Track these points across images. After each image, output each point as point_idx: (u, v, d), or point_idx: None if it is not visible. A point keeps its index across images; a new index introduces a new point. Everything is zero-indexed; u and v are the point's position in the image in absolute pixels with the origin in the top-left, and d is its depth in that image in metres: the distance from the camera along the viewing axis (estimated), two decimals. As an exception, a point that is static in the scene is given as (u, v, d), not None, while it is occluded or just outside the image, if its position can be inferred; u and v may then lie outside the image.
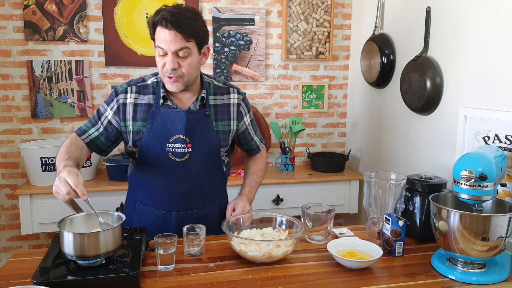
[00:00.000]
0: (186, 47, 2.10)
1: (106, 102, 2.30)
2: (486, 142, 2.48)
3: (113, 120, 2.27)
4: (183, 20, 2.06)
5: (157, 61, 2.18)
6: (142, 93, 2.28)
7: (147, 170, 2.33)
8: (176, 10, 2.08)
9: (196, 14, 2.15)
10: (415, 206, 2.33)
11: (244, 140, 2.53)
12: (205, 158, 2.33)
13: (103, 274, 1.80)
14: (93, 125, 2.29)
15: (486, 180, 1.90)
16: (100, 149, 2.33)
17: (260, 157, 2.68)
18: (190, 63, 2.15)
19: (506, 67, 2.38)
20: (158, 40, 2.12)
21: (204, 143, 2.30)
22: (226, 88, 2.41)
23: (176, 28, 2.06)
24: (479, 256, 1.91)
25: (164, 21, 2.06)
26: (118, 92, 2.28)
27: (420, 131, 3.18)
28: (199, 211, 2.39)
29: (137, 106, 2.27)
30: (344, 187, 4.03)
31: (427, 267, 2.05)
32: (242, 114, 2.45)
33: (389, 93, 3.61)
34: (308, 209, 2.31)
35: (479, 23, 2.58)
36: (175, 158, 2.26)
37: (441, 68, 2.89)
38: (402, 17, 3.39)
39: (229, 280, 1.90)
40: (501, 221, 1.85)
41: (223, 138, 2.37)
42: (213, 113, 2.33)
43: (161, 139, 2.24)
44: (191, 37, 2.10)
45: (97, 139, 2.29)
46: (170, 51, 2.09)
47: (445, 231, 1.94)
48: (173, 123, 2.24)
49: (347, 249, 2.13)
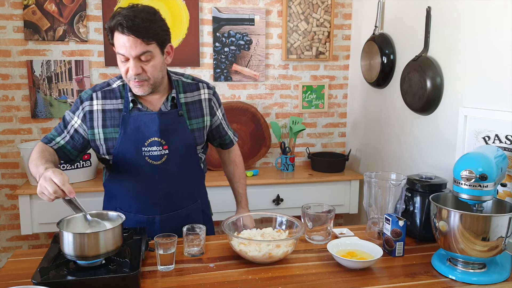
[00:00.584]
0: (147, 50, 2.05)
1: (72, 110, 2.24)
2: (486, 142, 2.48)
3: (79, 128, 2.22)
4: (140, 23, 2.00)
5: (120, 66, 2.12)
6: (109, 98, 2.22)
7: (124, 176, 2.28)
8: (131, 13, 2.01)
9: (153, 14, 2.08)
10: (415, 206, 2.33)
11: (218, 134, 2.51)
12: (183, 158, 2.31)
13: (103, 274, 1.80)
14: (59, 134, 2.24)
15: (486, 180, 1.90)
16: (68, 158, 2.28)
17: (237, 155, 2.68)
18: (154, 65, 2.10)
19: (506, 67, 2.38)
20: (117, 46, 2.05)
21: (181, 143, 2.28)
22: (195, 84, 2.38)
23: (134, 32, 1.99)
24: (479, 256, 1.91)
25: (120, 27, 2.00)
26: (83, 99, 2.22)
27: (420, 131, 3.18)
28: (182, 211, 2.38)
29: (105, 112, 2.21)
30: (344, 187, 4.03)
31: (427, 267, 2.05)
32: (215, 109, 2.43)
33: (389, 93, 3.61)
34: (308, 209, 2.31)
35: (479, 23, 2.58)
36: (152, 161, 2.22)
37: (441, 68, 2.89)
38: (402, 17, 3.40)
39: (229, 280, 1.90)
40: (501, 221, 1.85)
41: (198, 135, 2.35)
42: (185, 111, 2.30)
43: (136, 143, 2.20)
44: (151, 40, 2.04)
45: (64, 147, 2.23)
46: (131, 56, 2.04)
47: (445, 231, 1.94)
48: (147, 126, 2.20)
49: (347, 249, 2.13)
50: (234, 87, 4.17)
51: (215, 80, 4.11)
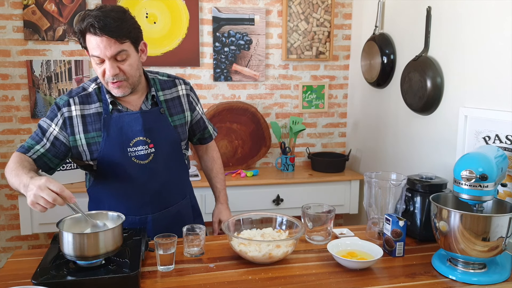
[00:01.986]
0: (122, 49, 2.02)
1: (49, 117, 2.17)
2: (486, 142, 2.48)
3: (60, 135, 2.16)
4: (111, 22, 1.97)
5: (95, 69, 2.08)
6: (87, 102, 2.19)
7: (111, 179, 2.25)
8: (101, 13, 1.98)
9: (123, 12, 2.05)
10: (415, 206, 2.33)
11: (198, 129, 2.51)
12: (170, 155, 2.31)
13: (103, 275, 1.80)
14: (38, 142, 2.14)
15: (486, 180, 1.90)
16: (48, 167, 2.19)
17: (215, 151, 2.69)
18: (130, 64, 2.08)
19: (507, 67, 2.38)
20: (91, 48, 2.02)
21: (166, 140, 2.27)
22: (172, 81, 2.37)
23: (107, 32, 1.97)
24: (480, 256, 1.91)
25: (92, 28, 1.97)
26: (60, 106, 2.16)
27: (420, 131, 3.19)
28: (173, 208, 2.38)
29: (85, 117, 2.17)
30: (345, 187, 4.03)
31: (428, 267, 2.05)
32: (194, 104, 2.44)
33: (390, 93, 3.61)
34: (308, 209, 2.31)
35: (480, 22, 2.58)
36: (139, 161, 2.21)
37: (441, 68, 2.89)
38: (403, 16, 3.40)
39: (229, 281, 1.90)
40: (501, 221, 1.85)
41: (181, 131, 2.35)
42: (166, 108, 2.30)
43: (121, 145, 2.17)
44: (125, 38, 2.02)
45: (44, 156, 2.14)
46: (107, 57, 2.01)
47: (446, 231, 1.94)
48: (130, 127, 2.18)
49: (348, 249, 2.13)
50: (234, 87, 4.17)
51: (215, 80, 4.11)
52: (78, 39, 2.08)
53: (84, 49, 2.10)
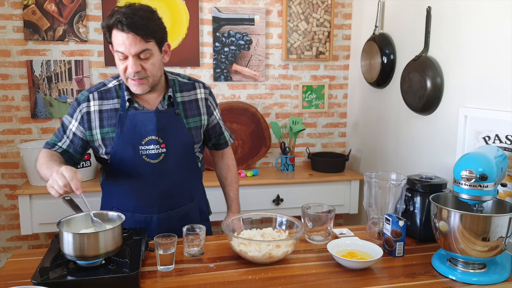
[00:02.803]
0: (146, 48, 2.06)
1: (69, 114, 2.25)
2: (486, 142, 2.48)
3: (77, 131, 2.22)
4: (139, 21, 2.01)
5: (118, 65, 2.13)
6: (105, 98, 2.23)
7: (121, 175, 2.28)
8: (130, 11, 2.03)
9: (151, 12, 2.10)
10: (415, 206, 2.33)
11: (214, 134, 2.51)
12: (180, 157, 2.31)
13: (103, 275, 1.80)
14: (60, 139, 2.26)
15: (486, 180, 1.90)
16: (72, 161, 2.28)
17: (231, 158, 2.68)
18: (152, 63, 2.11)
19: (506, 66, 2.38)
20: (116, 44, 2.06)
21: (178, 142, 2.28)
22: (192, 84, 2.38)
23: (134, 30, 2.01)
24: (480, 256, 1.92)
25: (119, 24, 2.01)
26: (80, 101, 2.22)
27: (420, 131, 3.19)
28: (180, 210, 2.38)
29: (102, 112, 2.22)
30: (344, 187, 4.03)
31: (428, 267, 2.05)
32: (211, 109, 2.44)
33: (390, 93, 3.61)
34: (308, 209, 2.31)
35: (479, 22, 2.58)
36: (149, 160, 2.22)
37: (441, 68, 2.89)
38: (403, 16, 3.40)
39: (229, 281, 1.90)
40: (501, 221, 1.86)
41: (195, 134, 2.35)
42: (182, 110, 2.31)
43: (133, 142, 2.20)
44: (150, 38, 2.06)
45: (66, 152, 2.25)
46: (131, 54, 2.04)
47: (446, 231, 1.94)
48: (144, 125, 2.20)
49: (348, 249, 2.13)
50: (234, 87, 4.17)
51: (215, 80, 4.11)
52: (105, 34, 2.13)
53: (109, 44, 2.14)
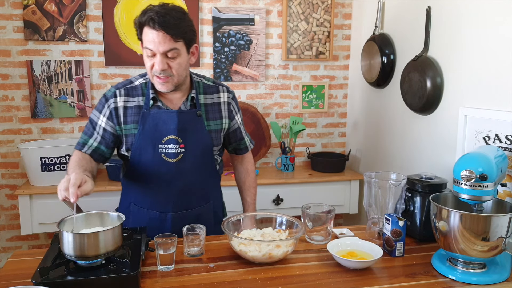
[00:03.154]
0: (175, 48, 2.09)
1: (97, 110, 2.29)
2: (486, 142, 2.48)
3: (107, 126, 2.26)
4: (170, 20, 2.05)
5: (145, 61, 2.16)
6: (131, 95, 2.27)
7: (140, 171, 2.31)
8: (163, 10, 2.07)
9: (183, 13, 2.13)
10: (415, 206, 2.33)
11: (234, 138, 2.52)
12: (198, 158, 2.33)
13: (103, 274, 1.80)
14: (90, 136, 2.28)
15: (486, 180, 1.90)
16: (103, 158, 2.33)
17: (250, 163, 2.68)
18: (179, 63, 2.14)
19: (506, 67, 2.38)
20: (146, 41, 2.10)
21: (197, 143, 2.30)
22: (216, 87, 2.41)
23: (164, 29, 2.04)
24: (480, 256, 1.92)
25: (151, 22, 2.05)
26: (108, 97, 2.27)
27: (420, 131, 3.19)
28: (194, 210, 2.40)
29: (127, 109, 2.26)
30: (344, 187, 4.03)
31: (428, 267, 2.05)
32: (233, 113, 2.45)
33: (389, 93, 3.61)
34: (308, 209, 2.31)
35: (479, 23, 2.58)
36: (168, 158, 2.25)
37: (441, 68, 2.89)
38: (403, 17, 3.40)
39: (229, 281, 1.90)
40: (501, 221, 1.86)
41: (215, 137, 2.37)
42: (204, 112, 2.33)
43: (153, 140, 2.24)
44: (180, 38, 2.09)
45: (98, 148, 2.28)
46: (159, 52, 2.08)
47: (446, 231, 1.94)
48: (165, 124, 2.23)
49: (347, 249, 2.13)
50: (234, 87, 4.16)
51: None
52: (136, 30, 2.16)
53: (139, 40, 2.18)
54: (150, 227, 2.26)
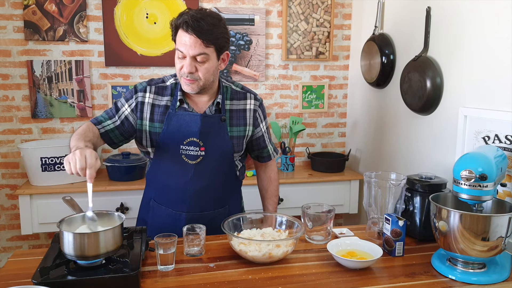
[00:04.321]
0: (204, 52, 2.13)
1: (125, 98, 2.33)
2: (486, 142, 2.48)
3: (130, 116, 2.30)
4: (204, 25, 2.08)
5: (176, 62, 2.21)
6: (161, 94, 2.31)
7: (161, 169, 2.36)
8: (199, 15, 2.10)
9: (218, 20, 2.16)
10: (415, 206, 2.33)
11: (257, 146, 2.54)
12: (218, 162, 2.35)
13: (103, 274, 1.80)
14: (110, 118, 2.31)
15: (486, 180, 1.90)
16: (112, 141, 2.34)
17: (273, 171, 2.70)
18: (207, 68, 2.17)
19: (506, 67, 2.38)
20: (178, 43, 2.14)
21: (218, 148, 2.33)
22: (244, 93, 2.43)
23: (197, 33, 2.08)
24: (479, 256, 1.91)
25: (185, 25, 2.09)
26: (138, 90, 2.31)
27: (420, 131, 3.18)
28: (209, 213, 2.41)
29: (154, 107, 2.30)
30: (344, 187, 4.03)
31: (427, 267, 2.05)
32: (259, 121, 2.47)
33: (389, 93, 3.61)
34: (308, 209, 2.31)
35: (479, 22, 2.57)
36: (188, 160, 2.29)
37: (441, 68, 2.89)
38: (402, 17, 3.40)
39: (229, 280, 1.90)
40: (501, 221, 1.86)
41: (237, 143, 2.39)
42: (228, 118, 2.35)
43: (175, 140, 2.27)
44: (211, 43, 2.12)
45: (112, 131, 2.30)
46: (189, 55, 2.12)
47: (445, 231, 1.94)
48: (188, 126, 2.26)
49: (347, 249, 2.13)
50: (234, 87, 4.16)
51: (215, 80, 4.10)
52: (172, 31, 2.20)
53: (173, 41, 2.21)
54: (166, 224, 2.30)
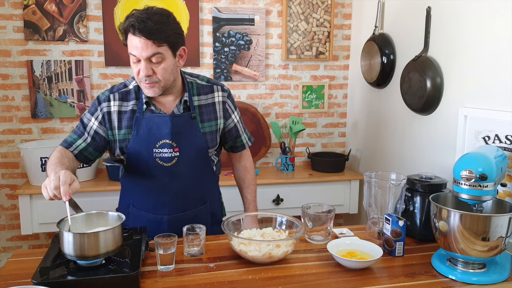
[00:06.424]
0: (158, 52, 2.06)
1: (90, 112, 2.26)
2: (486, 142, 2.48)
3: (99, 129, 2.24)
4: (151, 25, 2.01)
5: (132, 67, 2.14)
6: (126, 99, 2.25)
7: (136, 175, 2.31)
8: (144, 15, 2.03)
9: (166, 16, 2.09)
10: (415, 206, 2.33)
11: (231, 137, 2.49)
12: (194, 161, 2.31)
13: (103, 274, 1.80)
14: (80, 136, 2.25)
15: (486, 180, 1.90)
16: (88, 159, 2.30)
17: (248, 160, 2.65)
18: (164, 68, 2.11)
19: (506, 67, 2.38)
20: (129, 47, 2.08)
21: (192, 146, 2.28)
22: (210, 87, 2.37)
23: (145, 34, 2.01)
24: (479, 256, 1.92)
25: (132, 28, 2.03)
26: (101, 101, 2.25)
27: (420, 131, 3.19)
28: (190, 212, 2.38)
29: (121, 113, 2.24)
30: (344, 187, 4.03)
31: (427, 267, 2.05)
32: (229, 112, 2.43)
33: (389, 93, 3.61)
34: (308, 209, 2.31)
35: (479, 23, 2.58)
36: (163, 163, 2.24)
37: (441, 68, 2.89)
38: (402, 17, 3.40)
39: (229, 280, 1.90)
40: (501, 221, 1.86)
41: (210, 139, 2.35)
42: (198, 114, 2.31)
43: (147, 145, 2.22)
44: (163, 42, 2.06)
45: (85, 150, 2.25)
46: (142, 57, 2.06)
47: (445, 231, 1.94)
48: (159, 128, 2.21)
49: (347, 249, 2.13)
50: (234, 87, 4.17)
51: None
52: (122, 36, 2.14)
53: (125, 45, 2.15)
54: (148, 229, 2.23)
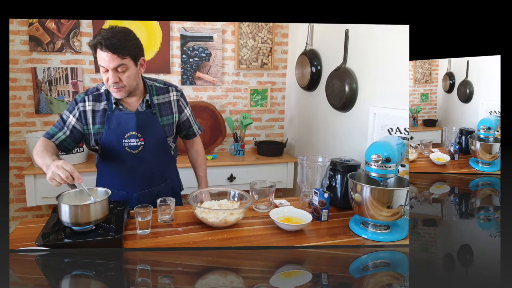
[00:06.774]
0: (122, 63, 2.03)
1: (68, 110, 2.21)
2: (390, 133, 2.52)
3: (76, 125, 2.19)
4: (116, 42, 1.98)
5: (102, 76, 2.10)
6: (98, 100, 2.19)
7: (110, 161, 2.27)
8: (109, 33, 2.00)
9: (128, 34, 2.06)
10: (337, 182, 2.34)
11: (184, 127, 2.46)
12: (155, 148, 2.28)
13: (93, 237, 1.81)
14: (60, 130, 2.20)
15: (390, 162, 1.93)
16: (67, 149, 2.24)
17: (199, 145, 2.62)
18: (128, 75, 2.08)
19: (404, 77, 2.42)
20: (99, 59, 2.04)
21: (153, 136, 2.25)
22: (166, 88, 2.34)
23: (111, 49, 1.98)
24: (385, 220, 1.95)
25: (99, 45, 1.99)
26: (78, 102, 2.19)
27: (340, 124, 3.21)
28: (155, 189, 2.35)
29: (95, 112, 2.19)
30: (283, 167, 4.04)
31: (346, 229, 2.08)
32: (182, 107, 2.39)
33: (317, 95, 3.63)
34: (255, 185, 2.31)
35: (385, 42, 2.61)
36: (131, 150, 2.20)
37: (356, 76, 2.92)
38: (327, 36, 3.41)
39: (194, 241, 1.91)
40: (401, 193, 1.90)
41: (168, 129, 2.32)
42: (158, 110, 2.27)
43: (118, 136, 2.18)
44: (126, 55, 2.03)
45: (65, 141, 2.20)
46: (110, 68, 2.02)
47: (359, 201, 1.97)
48: (126, 123, 2.18)
49: (285, 215, 2.14)
50: (198, 90, 4.12)
51: (182, 84, 4.05)
52: (91, 50, 2.07)
53: (95, 58, 2.08)
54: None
